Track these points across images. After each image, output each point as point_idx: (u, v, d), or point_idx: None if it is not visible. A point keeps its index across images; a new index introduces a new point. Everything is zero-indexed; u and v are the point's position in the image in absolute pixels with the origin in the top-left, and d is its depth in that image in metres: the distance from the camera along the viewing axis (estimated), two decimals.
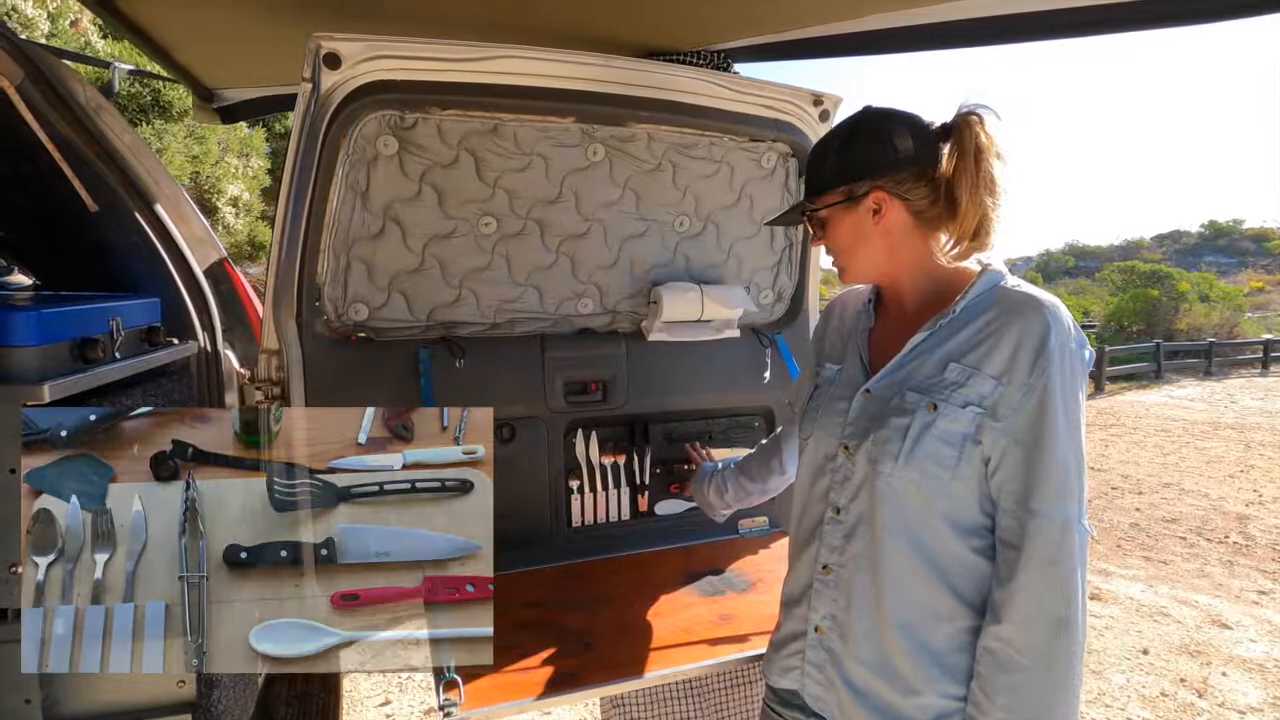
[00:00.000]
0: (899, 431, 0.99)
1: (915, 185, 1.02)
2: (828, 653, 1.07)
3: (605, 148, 1.71)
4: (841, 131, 1.08)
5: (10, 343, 0.95)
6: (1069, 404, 0.92)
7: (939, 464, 0.96)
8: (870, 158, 1.03)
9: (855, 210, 1.06)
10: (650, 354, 1.92)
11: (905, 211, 1.04)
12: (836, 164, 1.07)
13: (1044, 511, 0.92)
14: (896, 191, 1.03)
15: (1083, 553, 0.93)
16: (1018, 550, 0.93)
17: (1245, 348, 16.25)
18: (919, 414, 0.98)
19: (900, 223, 1.04)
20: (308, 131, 1.43)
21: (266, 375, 1.57)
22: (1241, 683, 3.20)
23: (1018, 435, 0.93)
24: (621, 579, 1.72)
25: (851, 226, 1.07)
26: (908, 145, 1.01)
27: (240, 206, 8.04)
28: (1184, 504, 5.97)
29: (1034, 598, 0.92)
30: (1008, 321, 0.95)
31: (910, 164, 1.01)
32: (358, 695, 2.97)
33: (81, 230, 1.50)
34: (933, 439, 0.96)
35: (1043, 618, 0.92)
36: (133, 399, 1.23)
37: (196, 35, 1.96)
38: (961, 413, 0.96)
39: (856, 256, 1.09)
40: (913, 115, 1.05)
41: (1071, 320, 0.96)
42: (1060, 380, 0.92)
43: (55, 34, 5.79)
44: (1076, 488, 0.93)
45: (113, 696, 1.04)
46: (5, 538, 0.94)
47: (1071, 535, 0.91)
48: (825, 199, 1.09)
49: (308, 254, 1.53)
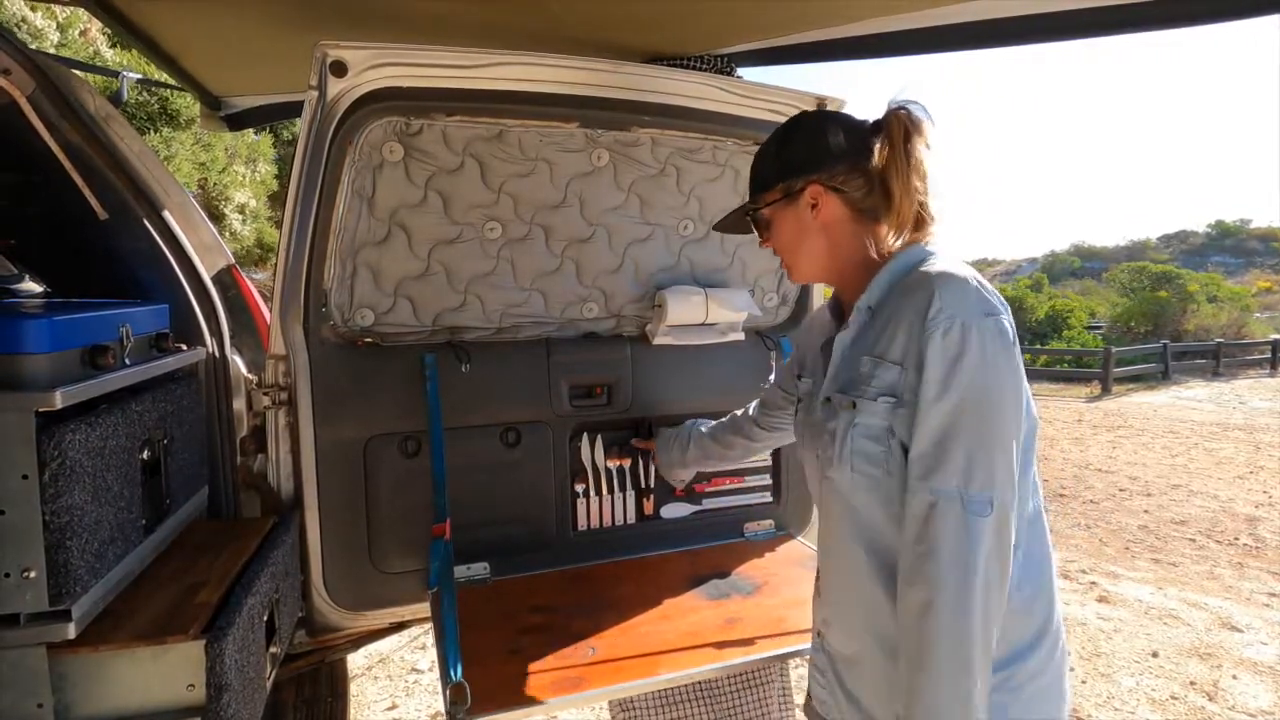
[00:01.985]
0: (832, 435, 0.99)
1: (849, 177, 1.03)
2: (827, 656, 1.09)
3: (609, 152, 1.72)
4: (779, 134, 1.11)
5: (22, 350, 0.96)
6: (956, 373, 0.87)
7: (869, 462, 0.95)
8: (804, 154, 1.06)
9: (794, 206, 1.07)
10: (655, 358, 1.93)
11: (842, 205, 1.05)
12: (774, 163, 1.10)
13: (913, 489, 0.89)
14: (831, 184, 1.04)
15: (963, 530, 0.85)
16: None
17: (1253, 348, 16.16)
18: (842, 415, 0.98)
19: (838, 216, 1.05)
20: (314, 138, 1.44)
21: (274, 380, 1.58)
22: (1252, 686, 3.18)
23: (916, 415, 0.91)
24: (627, 583, 1.72)
25: (792, 223, 1.09)
26: (839, 140, 1.04)
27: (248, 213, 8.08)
28: (1193, 505, 5.93)
29: (904, 581, 0.90)
30: (901, 304, 0.94)
31: (843, 157, 1.03)
32: (365, 699, 2.97)
33: (91, 238, 1.52)
34: (858, 437, 0.96)
35: (909, 603, 0.88)
36: (142, 405, 1.24)
37: (203, 43, 1.98)
38: (875, 405, 0.95)
39: (799, 253, 1.10)
40: (847, 115, 1.10)
41: (977, 289, 0.91)
42: (942, 349, 0.88)
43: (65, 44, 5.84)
44: (961, 461, 0.86)
45: (123, 700, 1.05)
46: (19, 543, 0.95)
47: (940, 511, 0.86)
48: (765, 198, 1.11)
49: (314, 260, 1.54)
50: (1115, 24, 1.34)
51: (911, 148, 0.99)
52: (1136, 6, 1.30)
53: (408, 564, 1.69)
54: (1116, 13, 1.32)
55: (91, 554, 1.04)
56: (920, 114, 1.00)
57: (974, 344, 0.87)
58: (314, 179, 1.47)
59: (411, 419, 1.67)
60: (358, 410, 1.64)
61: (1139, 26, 1.33)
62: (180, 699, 1.06)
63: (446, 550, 1.54)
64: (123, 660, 1.05)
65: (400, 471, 1.68)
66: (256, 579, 1.24)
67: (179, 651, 1.06)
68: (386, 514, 1.67)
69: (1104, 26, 1.36)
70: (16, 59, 1.35)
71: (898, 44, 1.62)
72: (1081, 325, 17.66)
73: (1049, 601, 0.99)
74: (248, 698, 1.15)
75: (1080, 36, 1.41)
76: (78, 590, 1.00)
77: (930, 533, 0.87)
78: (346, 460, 1.63)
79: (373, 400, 1.65)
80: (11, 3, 5.38)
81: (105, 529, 1.08)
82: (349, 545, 1.65)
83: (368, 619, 1.71)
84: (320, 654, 1.86)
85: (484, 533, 1.76)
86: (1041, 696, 0.96)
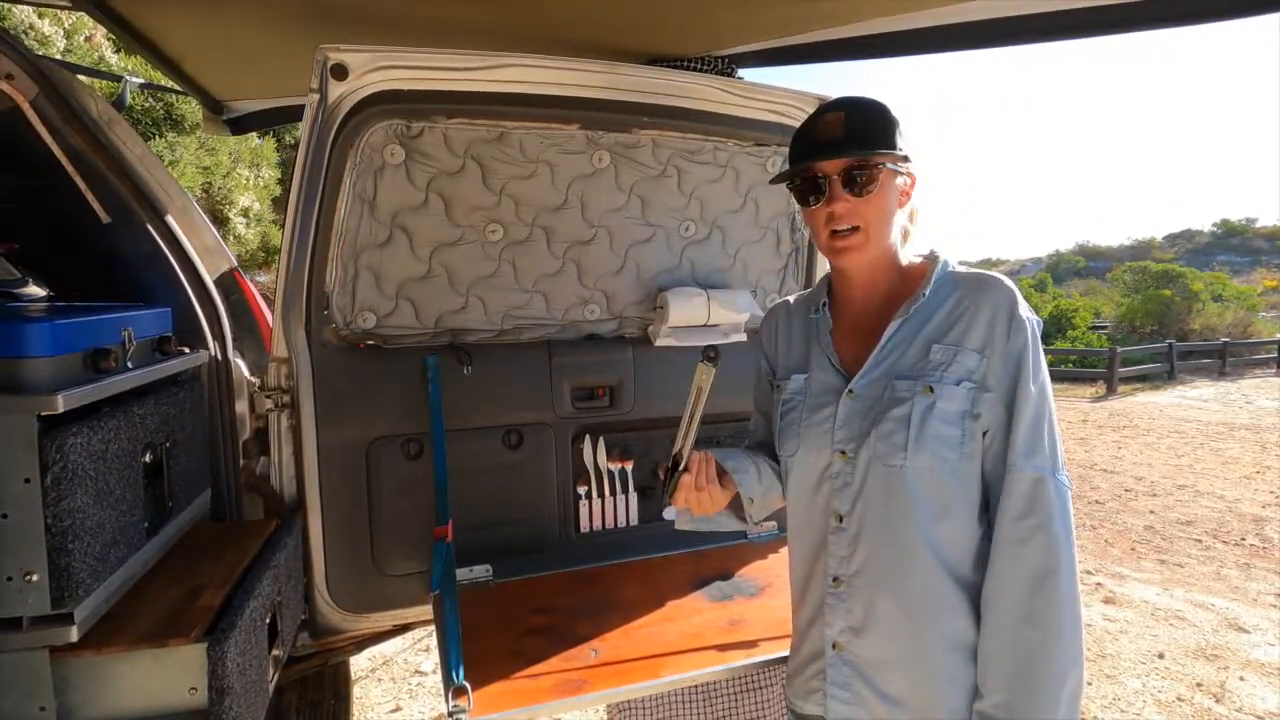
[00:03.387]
0: (901, 422, 0.99)
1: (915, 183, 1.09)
2: (852, 668, 1.04)
3: (610, 154, 1.72)
4: (891, 115, 1.04)
5: (24, 354, 0.96)
6: (1039, 365, 0.98)
7: (946, 445, 0.97)
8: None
9: (894, 182, 1.04)
10: (657, 359, 1.92)
11: (909, 203, 1.09)
12: (897, 135, 1.03)
13: (1017, 466, 0.95)
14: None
15: (1063, 505, 0.94)
16: (998, 508, 0.96)
17: (1260, 348, 16.08)
18: (917, 399, 0.99)
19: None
20: (315, 142, 1.44)
21: (276, 383, 1.58)
22: (1259, 687, 3.16)
23: (1005, 401, 0.97)
24: (630, 584, 1.72)
25: (890, 197, 1.04)
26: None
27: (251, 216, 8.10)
28: (1199, 506, 5.90)
29: (1010, 552, 0.94)
30: (978, 298, 1.00)
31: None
32: (368, 702, 2.97)
33: (94, 241, 1.53)
34: (936, 421, 0.97)
35: (1021, 571, 0.93)
36: (144, 408, 1.24)
37: (206, 47, 1.98)
38: (956, 390, 0.98)
39: (881, 227, 1.04)
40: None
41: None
42: (1032, 344, 0.97)
43: (71, 50, 5.86)
44: (1048, 443, 0.96)
45: (125, 703, 1.05)
46: (21, 546, 0.95)
47: (1047, 488, 0.94)
48: (895, 157, 1.02)
49: (316, 263, 1.54)
50: (1116, 24, 1.33)
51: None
52: (1137, 6, 1.30)
53: (410, 566, 1.69)
54: (1117, 12, 1.32)
55: (94, 557, 1.04)
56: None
57: (1039, 342, 0.99)
58: (315, 182, 1.48)
59: (414, 421, 1.67)
60: (360, 412, 1.64)
61: (1140, 26, 1.32)
62: (182, 702, 1.06)
63: (449, 552, 1.54)
64: (125, 663, 1.05)
65: (402, 473, 1.68)
66: (259, 582, 1.24)
67: (181, 654, 1.06)
68: (389, 516, 1.67)
69: (1105, 26, 1.36)
70: (19, 64, 1.36)
71: (898, 44, 1.62)
72: (1086, 325, 17.58)
73: None
74: (250, 700, 1.15)
75: (1081, 36, 1.41)
76: (80, 593, 1.00)
77: (1039, 506, 0.94)
78: (349, 462, 1.63)
79: (375, 402, 1.65)
80: (19, 9, 5.41)
81: (107, 532, 1.08)
82: (351, 547, 1.65)
83: (370, 621, 1.71)
84: (323, 656, 1.86)
85: (486, 534, 1.76)
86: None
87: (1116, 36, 1.39)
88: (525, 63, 1.51)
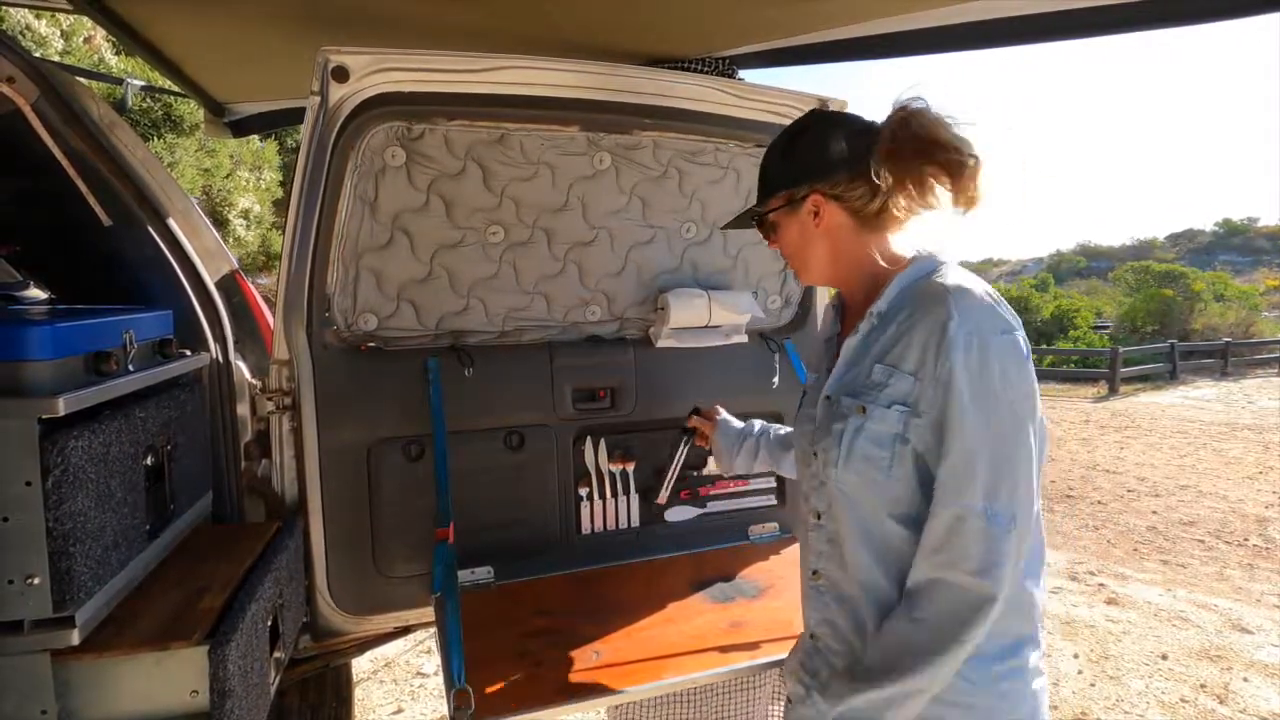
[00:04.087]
0: (836, 437, 1.01)
1: (851, 186, 1.04)
2: (824, 660, 1.07)
3: (611, 155, 1.71)
4: (784, 138, 1.12)
5: (25, 357, 0.96)
6: (979, 392, 0.90)
7: (874, 466, 0.97)
8: (806, 161, 1.07)
9: (797, 214, 1.09)
10: (658, 360, 1.92)
11: (843, 212, 1.06)
12: (779, 169, 1.11)
13: (942, 502, 0.91)
14: (832, 194, 1.05)
15: (989, 543, 0.88)
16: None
17: (1262, 347, 16.04)
18: (851, 418, 1.00)
19: (840, 223, 1.07)
20: (316, 144, 1.44)
21: (277, 385, 1.58)
22: (1263, 688, 3.15)
23: (936, 428, 0.93)
24: (631, 586, 1.72)
25: (796, 230, 1.10)
26: (841, 147, 1.04)
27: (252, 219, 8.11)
28: (1202, 506, 5.89)
29: (916, 589, 0.93)
30: (917, 316, 0.95)
31: (844, 165, 1.03)
32: (370, 704, 2.97)
33: (95, 244, 1.53)
34: (864, 441, 0.97)
35: (916, 603, 0.93)
36: (146, 410, 1.24)
37: (207, 50, 1.99)
38: (888, 413, 0.96)
39: (803, 259, 1.12)
40: (854, 117, 1.08)
41: (990, 306, 0.93)
42: (965, 368, 0.89)
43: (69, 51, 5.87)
44: (985, 476, 0.89)
45: (126, 706, 1.05)
46: (22, 549, 0.95)
47: (965, 525, 0.89)
48: (770, 204, 1.12)
49: (317, 265, 1.54)
50: (1117, 24, 1.33)
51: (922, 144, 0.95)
52: (1138, 6, 1.30)
53: (412, 568, 1.68)
54: (1119, 12, 1.31)
55: (95, 560, 1.04)
56: (923, 111, 0.96)
57: (995, 362, 0.90)
58: (316, 184, 1.48)
59: (415, 423, 1.67)
60: (361, 414, 1.64)
61: (1141, 26, 1.32)
62: (184, 705, 1.06)
63: (450, 554, 1.54)
64: (126, 666, 1.05)
65: (404, 475, 1.68)
66: (260, 584, 1.24)
67: (182, 657, 1.06)
68: (390, 518, 1.67)
69: (1106, 26, 1.36)
70: (20, 66, 1.36)
71: (899, 45, 1.62)
72: (1088, 325, 17.56)
73: (1041, 601, 1.01)
74: (251, 703, 1.15)
75: (1083, 36, 1.41)
76: (81, 596, 1.00)
77: (954, 544, 0.90)
78: (350, 464, 1.63)
79: (376, 404, 1.65)
80: (15, 10, 5.41)
81: (109, 535, 1.08)
82: (353, 549, 1.64)
83: (372, 623, 1.71)
84: (325, 659, 1.86)
85: (488, 536, 1.75)
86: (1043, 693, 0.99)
87: (1118, 36, 1.39)
88: (526, 64, 1.51)
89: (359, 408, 1.63)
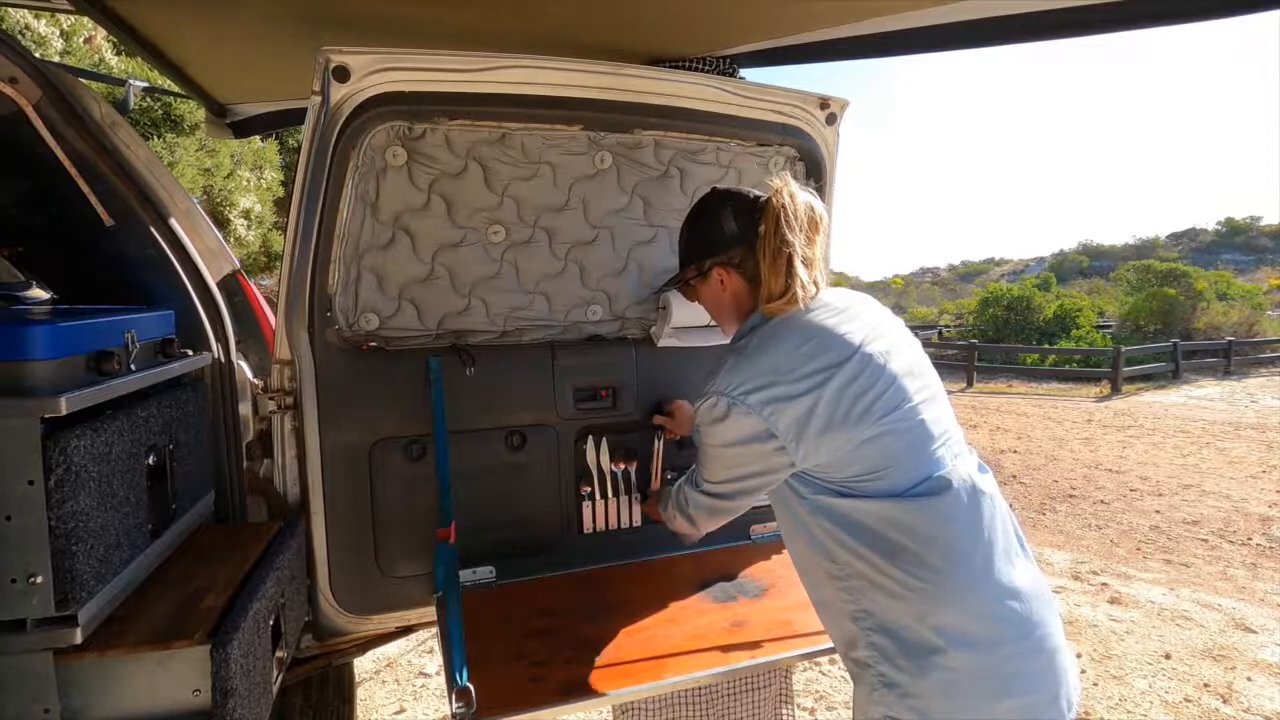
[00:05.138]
0: None
1: (745, 257, 1.25)
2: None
3: (612, 155, 1.71)
4: (690, 216, 1.37)
5: (27, 356, 0.96)
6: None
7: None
8: (707, 239, 1.30)
9: (708, 282, 1.32)
10: (660, 360, 1.92)
11: (742, 280, 1.27)
12: (688, 245, 1.37)
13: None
14: (731, 265, 1.27)
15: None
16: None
17: (1265, 346, 16.00)
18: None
19: (741, 289, 1.28)
20: (318, 144, 1.44)
21: (279, 385, 1.58)
22: (1267, 687, 3.14)
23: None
24: (633, 586, 1.72)
25: (710, 294, 1.34)
26: (732, 226, 1.25)
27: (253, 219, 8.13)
28: (1205, 506, 5.88)
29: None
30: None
31: (738, 241, 1.25)
32: (372, 703, 2.97)
33: (97, 244, 1.53)
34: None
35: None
36: (148, 410, 1.24)
37: (208, 51, 1.99)
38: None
39: (720, 317, 1.35)
40: (742, 196, 1.27)
41: (729, 374, 1.16)
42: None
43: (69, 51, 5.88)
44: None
45: (129, 705, 1.05)
46: (25, 549, 0.95)
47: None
48: (686, 274, 1.36)
49: (319, 265, 1.54)
50: (1119, 21, 1.33)
51: (782, 232, 1.16)
52: (1139, 5, 1.29)
53: (414, 568, 1.68)
54: (1120, 10, 1.31)
55: (97, 559, 1.04)
56: (795, 196, 1.17)
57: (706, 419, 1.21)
58: (318, 184, 1.48)
59: (416, 423, 1.67)
60: (363, 414, 1.64)
61: (1143, 24, 1.32)
62: (186, 704, 1.06)
63: (452, 554, 1.54)
64: (129, 665, 1.05)
65: (405, 475, 1.68)
66: (262, 583, 1.24)
67: (185, 656, 1.06)
68: (392, 518, 1.67)
69: (1108, 24, 1.36)
70: (23, 67, 1.36)
71: (901, 43, 1.62)
72: (1090, 325, 17.51)
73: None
74: (254, 702, 1.15)
75: (1084, 34, 1.41)
76: (84, 595, 1.01)
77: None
78: (352, 464, 1.63)
79: (378, 404, 1.65)
80: (15, 10, 5.42)
81: (111, 534, 1.09)
82: (355, 549, 1.65)
83: (374, 623, 1.71)
84: (327, 658, 1.86)
85: (490, 536, 1.76)
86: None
87: (1119, 34, 1.39)
88: (527, 64, 1.51)
89: (361, 407, 1.63)
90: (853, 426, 1.07)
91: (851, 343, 1.12)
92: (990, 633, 1.02)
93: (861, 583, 1.08)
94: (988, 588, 1.05)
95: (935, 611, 1.03)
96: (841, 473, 1.09)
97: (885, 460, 1.07)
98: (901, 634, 1.04)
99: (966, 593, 1.04)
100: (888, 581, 1.05)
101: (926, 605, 1.03)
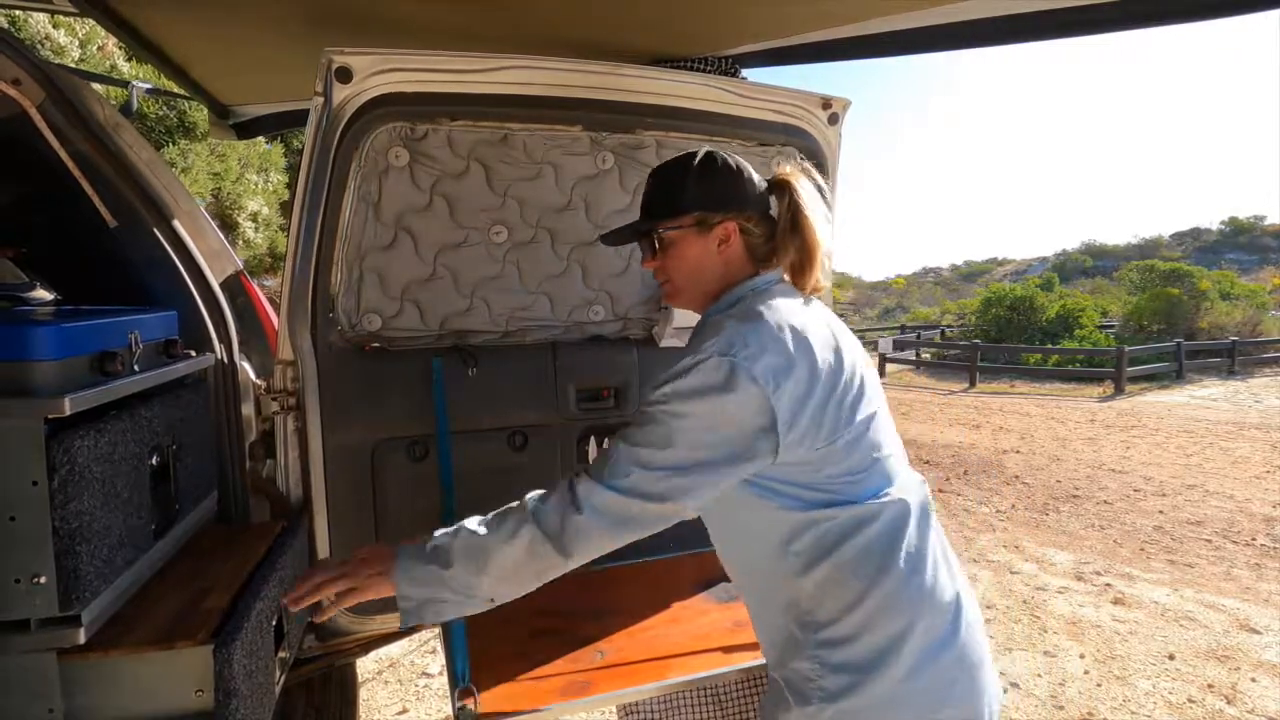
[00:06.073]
0: None
1: (759, 224, 1.15)
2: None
3: (614, 155, 1.71)
4: (701, 161, 1.16)
5: (31, 357, 0.97)
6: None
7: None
8: (728, 191, 1.14)
9: (704, 237, 1.15)
10: (662, 360, 1.92)
11: (743, 245, 1.15)
12: (695, 191, 1.15)
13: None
14: (745, 226, 1.15)
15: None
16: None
17: (1269, 346, 15.93)
18: None
19: (738, 254, 1.16)
20: (320, 144, 1.45)
21: (282, 386, 1.58)
22: (1272, 688, 3.13)
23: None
24: (635, 586, 1.72)
25: (697, 251, 1.16)
26: (757, 188, 1.15)
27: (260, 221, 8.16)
28: (1209, 506, 5.86)
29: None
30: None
31: (759, 204, 1.14)
32: (375, 704, 2.97)
33: (100, 245, 1.53)
34: None
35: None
36: (151, 411, 1.24)
37: (211, 52, 2.00)
38: None
39: (694, 280, 1.17)
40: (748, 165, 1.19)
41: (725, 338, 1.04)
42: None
43: (85, 59, 5.92)
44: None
45: (132, 705, 1.05)
46: (29, 549, 0.95)
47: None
48: (678, 221, 1.15)
49: (321, 266, 1.55)
50: (1120, 20, 1.33)
51: (805, 209, 1.12)
52: (1139, 4, 1.29)
53: None
54: (1120, 10, 1.31)
55: (101, 559, 1.04)
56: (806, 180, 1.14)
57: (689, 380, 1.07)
58: (320, 185, 1.48)
59: (419, 423, 1.67)
60: (365, 415, 1.64)
61: (1143, 23, 1.32)
62: (189, 704, 1.06)
63: None
64: (132, 665, 1.05)
65: (408, 475, 1.68)
66: (265, 584, 1.24)
67: (187, 656, 1.06)
68: (394, 518, 1.67)
69: (1110, 23, 1.36)
70: (26, 69, 1.37)
71: (902, 43, 1.62)
72: (1093, 324, 17.47)
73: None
74: (256, 703, 1.15)
75: (1087, 33, 1.40)
76: (87, 596, 1.01)
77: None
78: (354, 464, 1.63)
79: (380, 404, 1.65)
80: (35, 20, 5.47)
81: (114, 534, 1.09)
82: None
83: (376, 623, 1.71)
84: (329, 658, 1.86)
85: None
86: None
87: (1121, 34, 1.38)
88: (529, 64, 1.51)
89: (363, 408, 1.64)
90: (836, 424, 1.04)
91: (838, 338, 1.11)
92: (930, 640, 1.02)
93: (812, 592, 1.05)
94: (932, 600, 1.04)
95: (884, 624, 1.01)
96: (812, 475, 1.05)
97: (856, 465, 1.05)
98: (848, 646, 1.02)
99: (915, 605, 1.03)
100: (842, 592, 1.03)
101: (876, 618, 1.01)
